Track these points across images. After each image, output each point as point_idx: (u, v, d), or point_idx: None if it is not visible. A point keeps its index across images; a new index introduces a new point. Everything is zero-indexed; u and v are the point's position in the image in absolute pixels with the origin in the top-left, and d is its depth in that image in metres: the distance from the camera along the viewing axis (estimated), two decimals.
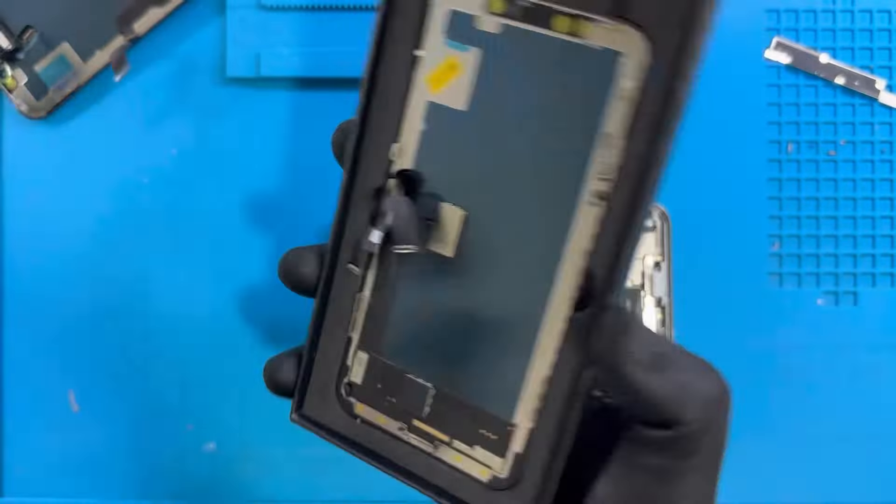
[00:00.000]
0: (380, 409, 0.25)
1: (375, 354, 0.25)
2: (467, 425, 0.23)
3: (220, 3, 0.38)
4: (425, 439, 0.24)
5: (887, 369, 0.38)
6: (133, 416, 0.38)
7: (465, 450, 0.23)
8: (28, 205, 0.38)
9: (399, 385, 0.24)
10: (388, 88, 0.23)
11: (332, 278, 0.25)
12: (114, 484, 0.39)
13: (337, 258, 0.24)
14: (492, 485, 0.23)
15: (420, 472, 0.24)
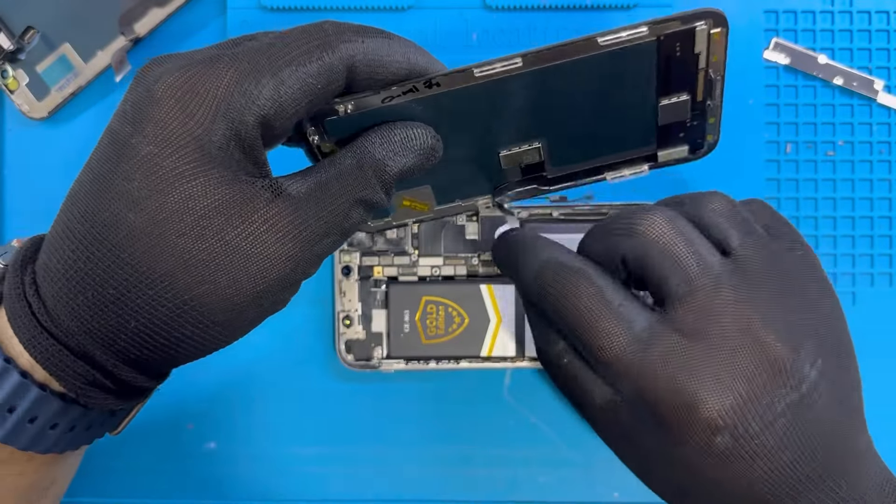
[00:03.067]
0: None
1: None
2: None
3: (221, 4, 0.38)
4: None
5: (886, 369, 0.38)
6: None
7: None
8: (29, 205, 0.38)
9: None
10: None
11: None
12: (113, 483, 0.39)
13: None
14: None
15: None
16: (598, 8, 0.37)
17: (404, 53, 0.25)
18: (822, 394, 0.26)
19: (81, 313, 0.24)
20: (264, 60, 0.23)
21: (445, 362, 0.36)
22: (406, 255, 0.37)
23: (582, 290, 0.27)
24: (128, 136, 0.23)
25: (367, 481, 0.39)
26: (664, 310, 0.27)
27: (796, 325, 0.26)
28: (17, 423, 0.25)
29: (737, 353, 0.26)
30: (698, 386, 0.25)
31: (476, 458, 0.39)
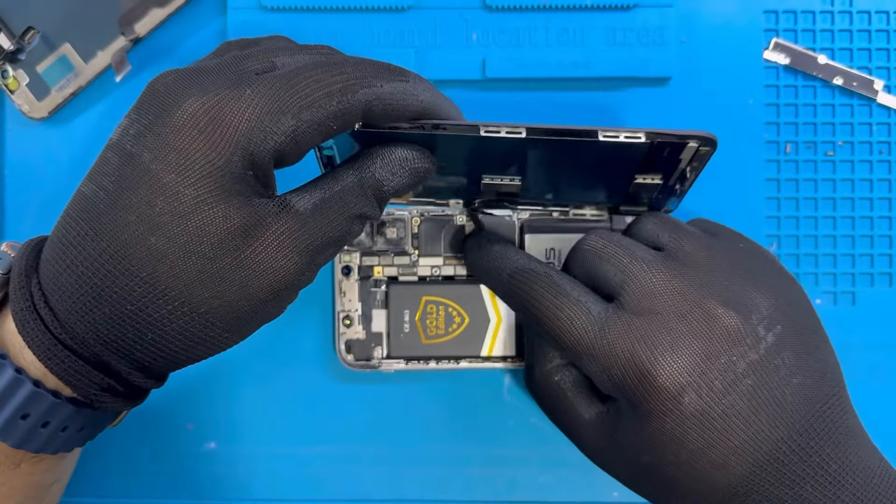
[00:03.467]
0: None
1: None
2: None
3: (221, 5, 0.38)
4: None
5: (885, 369, 0.38)
6: (133, 415, 0.38)
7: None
8: (30, 205, 0.38)
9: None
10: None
11: None
12: (113, 483, 0.39)
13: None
14: None
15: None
16: (598, 8, 0.37)
17: (419, 98, 0.27)
18: (786, 359, 0.27)
19: (99, 326, 0.25)
20: (286, 98, 0.24)
21: (445, 362, 0.36)
22: (406, 255, 0.37)
23: (545, 287, 0.30)
24: (147, 162, 0.24)
25: (367, 481, 0.39)
26: (615, 301, 0.29)
27: (743, 295, 0.28)
28: (30, 429, 0.26)
29: (685, 319, 0.28)
30: (653, 352, 0.27)
31: (476, 458, 0.39)
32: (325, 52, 0.27)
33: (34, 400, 0.26)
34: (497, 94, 0.38)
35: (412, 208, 0.36)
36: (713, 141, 0.27)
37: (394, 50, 0.37)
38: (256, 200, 0.25)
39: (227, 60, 0.26)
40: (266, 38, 0.29)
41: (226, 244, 0.24)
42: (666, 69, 0.37)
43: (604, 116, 0.38)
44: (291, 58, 0.26)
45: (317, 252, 0.27)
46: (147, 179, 0.24)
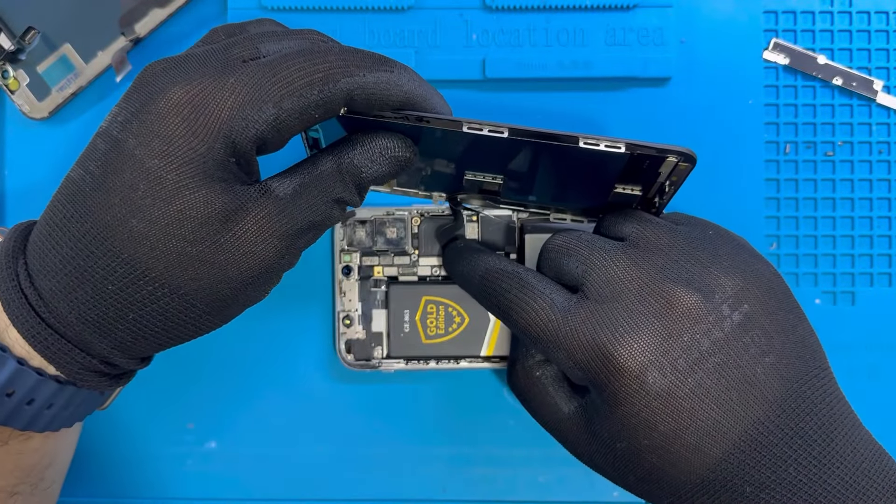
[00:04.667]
0: None
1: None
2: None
3: (221, 5, 0.38)
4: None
5: (885, 369, 0.38)
6: (133, 414, 0.38)
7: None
8: (30, 205, 0.38)
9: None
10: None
11: None
12: (114, 483, 0.39)
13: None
14: None
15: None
16: (598, 8, 0.37)
17: (403, 88, 0.27)
18: (756, 337, 0.27)
19: (81, 306, 0.26)
20: (267, 86, 0.25)
21: (445, 362, 0.37)
22: (406, 255, 0.37)
23: (512, 283, 0.30)
24: (132, 147, 0.25)
25: (367, 481, 0.39)
26: (579, 292, 0.29)
27: (705, 275, 0.28)
28: (15, 406, 0.27)
29: (644, 301, 0.28)
30: (614, 334, 0.27)
31: (476, 458, 0.39)
32: (311, 38, 0.28)
33: (19, 378, 0.26)
34: (497, 94, 0.38)
35: (412, 208, 0.36)
36: (692, 157, 0.27)
37: (394, 50, 0.37)
38: (238, 186, 0.26)
39: (213, 49, 0.26)
40: (253, 22, 0.29)
41: (206, 228, 0.25)
42: (666, 69, 0.37)
43: (604, 116, 0.38)
44: (277, 44, 0.27)
45: (296, 236, 0.27)
46: (131, 164, 0.25)
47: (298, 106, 0.25)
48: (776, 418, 0.27)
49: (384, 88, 0.26)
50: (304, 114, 0.25)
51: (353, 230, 0.36)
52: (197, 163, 0.24)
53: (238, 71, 0.25)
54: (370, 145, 0.27)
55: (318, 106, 0.25)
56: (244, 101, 0.25)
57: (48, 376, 0.27)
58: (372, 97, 0.26)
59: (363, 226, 0.37)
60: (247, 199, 0.26)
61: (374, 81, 0.26)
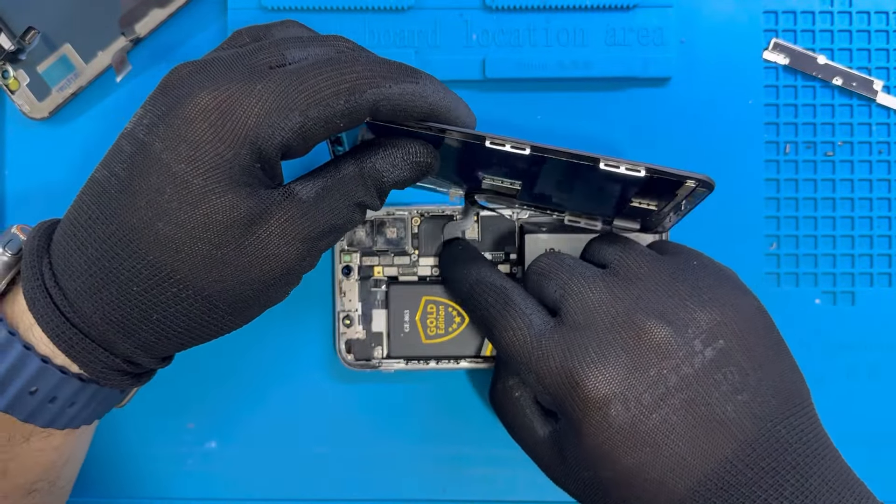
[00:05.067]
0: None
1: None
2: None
3: (221, 5, 0.38)
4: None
5: (885, 369, 0.38)
6: (133, 414, 0.38)
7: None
8: (30, 205, 0.38)
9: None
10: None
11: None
12: (114, 483, 0.39)
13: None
14: None
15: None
16: (598, 8, 0.37)
17: (428, 100, 0.27)
18: (729, 374, 0.27)
19: (106, 307, 0.26)
20: (295, 95, 0.25)
21: (445, 362, 0.37)
22: (406, 255, 0.37)
23: (497, 298, 0.31)
24: (158, 151, 0.25)
25: (367, 481, 0.39)
26: (557, 316, 0.30)
27: (680, 308, 0.28)
28: (38, 403, 0.27)
29: (614, 332, 0.28)
30: (582, 363, 0.27)
31: (476, 458, 0.39)
32: (337, 45, 0.28)
33: (42, 375, 0.27)
34: (497, 94, 0.38)
35: (412, 208, 0.36)
36: (710, 184, 0.27)
37: (394, 50, 0.37)
38: (262, 191, 0.26)
39: (240, 53, 0.27)
40: (278, 24, 0.29)
41: (231, 232, 0.25)
42: (666, 69, 0.37)
43: (604, 116, 0.38)
44: (303, 51, 0.27)
45: (318, 239, 0.27)
46: (158, 167, 0.25)
47: (324, 115, 0.25)
48: (746, 457, 0.26)
49: (409, 100, 0.26)
50: (330, 123, 0.26)
51: (353, 230, 0.36)
52: (223, 168, 0.25)
53: (265, 78, 0.25)
54: (392, 151, 0.28)
55: (343, 115, 0.26)
56: (271, 108, 0.25)
57: (71, 374, 0.27)
58: (397, 108, 0.26)
59: (363, 226, 0.37)
60: (271, 203, 0.26)
61: (400, 93, 0.26)
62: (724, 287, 0.29)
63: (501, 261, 0.37)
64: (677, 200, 0.29)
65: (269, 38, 0.28)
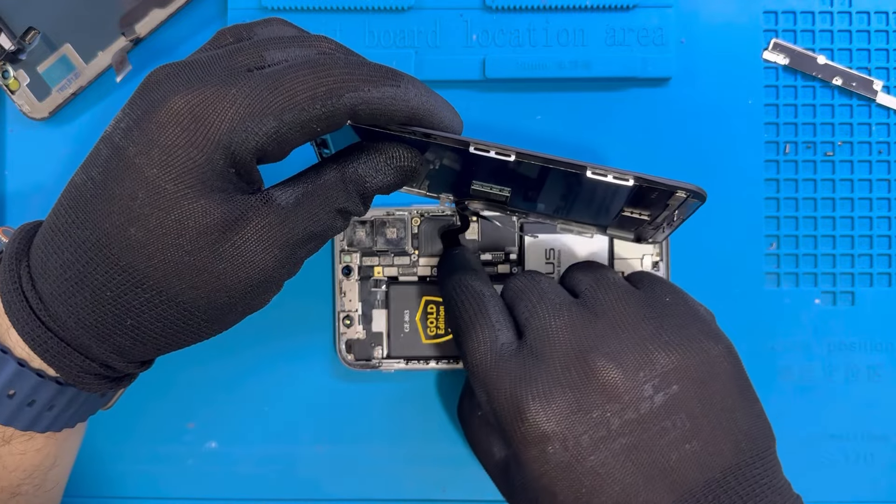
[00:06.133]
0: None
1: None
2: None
3: (221, 5, 0.38)
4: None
5: (885, 369, 0.38)
6: (133, 414, 0.38)
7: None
8: (30, 205, 0.38)
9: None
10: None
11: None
12: (114, 482, 0.39)
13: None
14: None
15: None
16: (598, 8, 0.37)
17: (409, 104, 0.26)
18: (678, 422, 0.27)
19: (79, 311, 0.26)
20: (269, 99, 0.24)
21: (445, 362, 0.37)
22: (406, 255, 0.37)
23: (473, 304, 0.31)
24: (132, 155, 0.25)
25: (367, 481, 0.39)
26: (522, 339, 0.30)
27: (639, 350, 0.27)
28: (17, 407, 0.27)
29: (566, 370, 0.27)
30: (528, 395, 0.27)
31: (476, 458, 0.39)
32: (319, 46, 0.27)
33: (19, 378, 0.27)
34: (497, 94, 0.38)
35: (412, 208, 0.36)
36: (702, 195, 0.27)
37: (394, 50, 0.37)
38: (238, 196, 0.25)
39: (218, 54, 0.26)
40: (260, 23, 0.28)
41: (204, 238, 0.25)
42: (666, 69, 0.37)
43: (604, 117, 0.38)
44: (283, 52, 0.26)
45: (297, 246, 0.27)
46: (131, 172, 0.25)
47: (300, 119, 0.25)
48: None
49: (389, 104, 0.26)
50: (306, 127, 0.25)
51: (353, 230, 0.37)
52: (196, 173, 0.24)
53: (240, 81, 0.25)
54: (375, 155, 0.27)
55: (320, 120, 0.25)
56: (245, 113, 0.24)
57: (49, 378, 0.27)
58: (376, 112, 0.26)
59: (363, 226, 0.37)
60: (247, 209, 0.26)
61: (379, 97, 0.26)
62: (691, 329, 0.29)
63: (501, 261, 0.37)
64: (670, 211, 0.29)
65: (251, 38, 0.28)
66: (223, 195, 0.25)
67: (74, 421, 0.29)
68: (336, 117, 0.25)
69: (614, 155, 0.38)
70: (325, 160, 0.28)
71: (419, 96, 0.26)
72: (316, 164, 0.28)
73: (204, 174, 0.24)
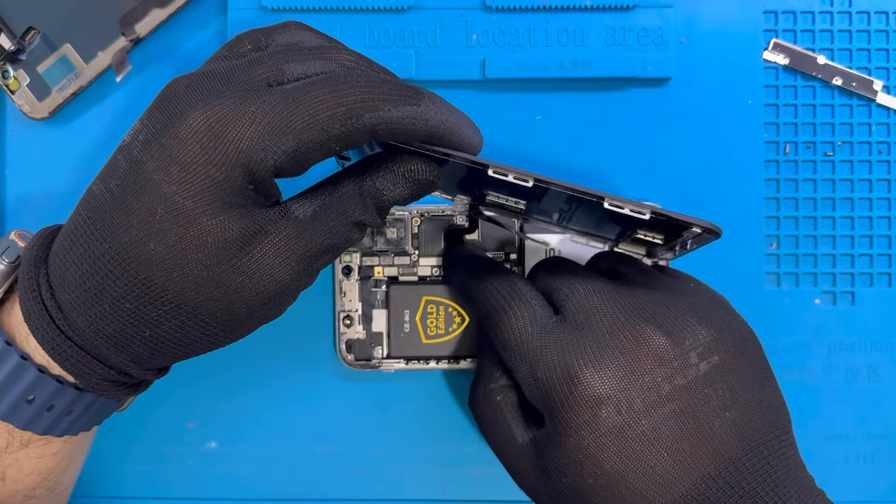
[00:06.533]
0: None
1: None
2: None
3: (221, 5, 0.38)
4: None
5: (885, 369, 0.38)
6: (133, 414, 0.38)
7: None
8: (30, 205, 0.38)
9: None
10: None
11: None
12: (114, 483, 0.39)
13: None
14: None
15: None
16: (598, 8, 0.37)
17: (429, 123, 0.26)
18: (720, 390, 0.27)
19: (99, 321, 0.26)
20: (289, 118, 0.24)
21: (445, 362, 0.37)
22: (406, 255, 0.37)
23: (504, 284, 0.31)
24: (151, 171, 0.25)
25: (367, 481, 0.39)
26: (559, 314, 0.30)
27: (680, 321, 0.28)
28: (36, 411, 0.27)
29: (614, 335, 0.28)
30: (579, 361, 0.27)
31: (476, 458, 0.39)
32: (340, 59, 0.27)
33: (39, 385, 0.27)
34: (497, 94, 0.38)
35: (412, 208, 0.37)
36: (717, 232, 0.27)
37: (394, 50, 0.37)
38: (256, 210, 0.26)
39: (237, 66, 0.26)
40: (279, 28, 0.28)
41: (222, 253, 0.25)
42: (666, 69, 0.37)
43: (604, 117, 0.38)
44: (302, 65, 0.26)
45: (314, 258, 0.27)
46: (150, 187, 0.25)
47: (319, 139, 0.25)
48: (728, 475, 0.26)
49: (409, 124, 0.26)
50: (325, 146, 0.25)
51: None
52: (214, 190, 0.24)
53: (259, 98, 0.25)
54: (394, 168, 0.27)
55: (339, 139, 0.25)
56: (264, 131, 0.24)
57: (67, 384, 0.27)
58: (396, 132, 0.26)
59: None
60: (266, 222, 0.26)
61: (399, 117, 0.25)
62: (720, 309, 0.30)
63: (501, 261, 0.37)
64: (683, 240, 0.29)
65: (270, 46, 0.28)
66: (241, 210, 0.25)
67: (91, 425, 0.30)
68: (355, 136, 0.25)
69: (614, 155, 0.38)
70: (342, 172, 0.28)
71: (439, 115, 0.26)
72: (333, 176, 0.28)
73: (223, 191, 0.25)
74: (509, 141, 0.38)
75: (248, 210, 0.25)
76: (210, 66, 0.27)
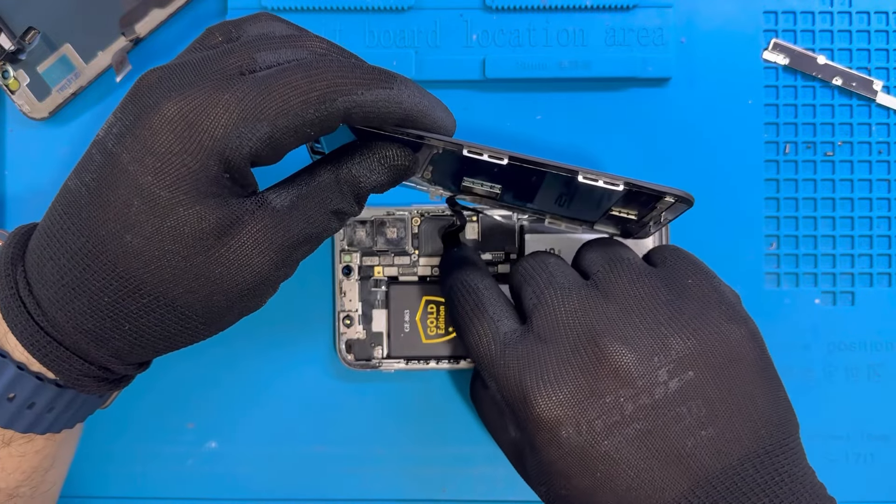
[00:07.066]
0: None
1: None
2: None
3: (221, 5, 0.38)
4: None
5: (885, 369, 0.38)
6: (133, 414, 0.38)
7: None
8: (30, 206, 0.38)
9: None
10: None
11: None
12: (114, 483, 0.39)
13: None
14: None
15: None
16: (598, 8, 0.37)
17: (402, 106, 0.26)
18: (694, 408, 0.26)
19: (77, 316, 0.26)
20: (262, 104, 0.24)
21: (445, 362, 0.37)
22: (406, 255, 0.37)
23: (470, 301, 0.31)
24: (126, 163, 0.25)
25: (367, 481, 0.39)
26: (527, 324, 0.29)
27: (653, 334, 0.27)
28: (17, 409, 0.27)
29: (576, 352, 0.27)
30: (539, 380, 0.27)
31: (476, 458, 0.39)
32: (311, 46, 0.27)
33: (19, 382, 0.27)
34: (497, 94, 0.38)
35: (412, 208, 0.37)
36: (689, 200, 0.27)
37: (394, 50, 0.37)
38: (233, 200, 0.26)
39: (209, 56, 0.26)
40: (249, 19, 0.28)
41: (199, 244, 0.25)
42: (666, 69, 0.37)
43: (604, 117, 0.38)
44: (274, 54, 0.26)
45: (293, 248, 0.27)
46: (125, 180, 0.25)
47: (293, 124, 0.25)
48: (704, 495, 0.26)
49: (383, 107, 0.26)
50: (299, 132, 0.25)
51: (353, 230, 0.37)
52: (190, 180, 0.24)
53: (233, 86, 0.25)
54: (369, 155, 0.27)
55: (313, 124, 0.25)
56: (238, 118, 0.24)
57: (48, 381, 0.27)
58: (370, 115, 0.26)
59: (363, 226, 0.37)
60: (243, 213, 0.26)
61: (373, 100, 0.25)
62: (711, 313, 0.28)
63: (501, 260, 0.37)
64: (657, 212, 0.29)
65: (241, 37, 0.27)
66: (218, 200, 0.25)
67: (74, 422, 0.30)
68: (329, 121, 0.25)
69: (614, 155, 0.38)
70: (318, 161, 0.28)
71: (412, 98, 0.26)
72: (310, 166, 0.28)
73: (198, 180, 0.24)
74: (509, 141, 0.38)
75: (225, 200, 0.25)
76: (182, 58, 0.26)
